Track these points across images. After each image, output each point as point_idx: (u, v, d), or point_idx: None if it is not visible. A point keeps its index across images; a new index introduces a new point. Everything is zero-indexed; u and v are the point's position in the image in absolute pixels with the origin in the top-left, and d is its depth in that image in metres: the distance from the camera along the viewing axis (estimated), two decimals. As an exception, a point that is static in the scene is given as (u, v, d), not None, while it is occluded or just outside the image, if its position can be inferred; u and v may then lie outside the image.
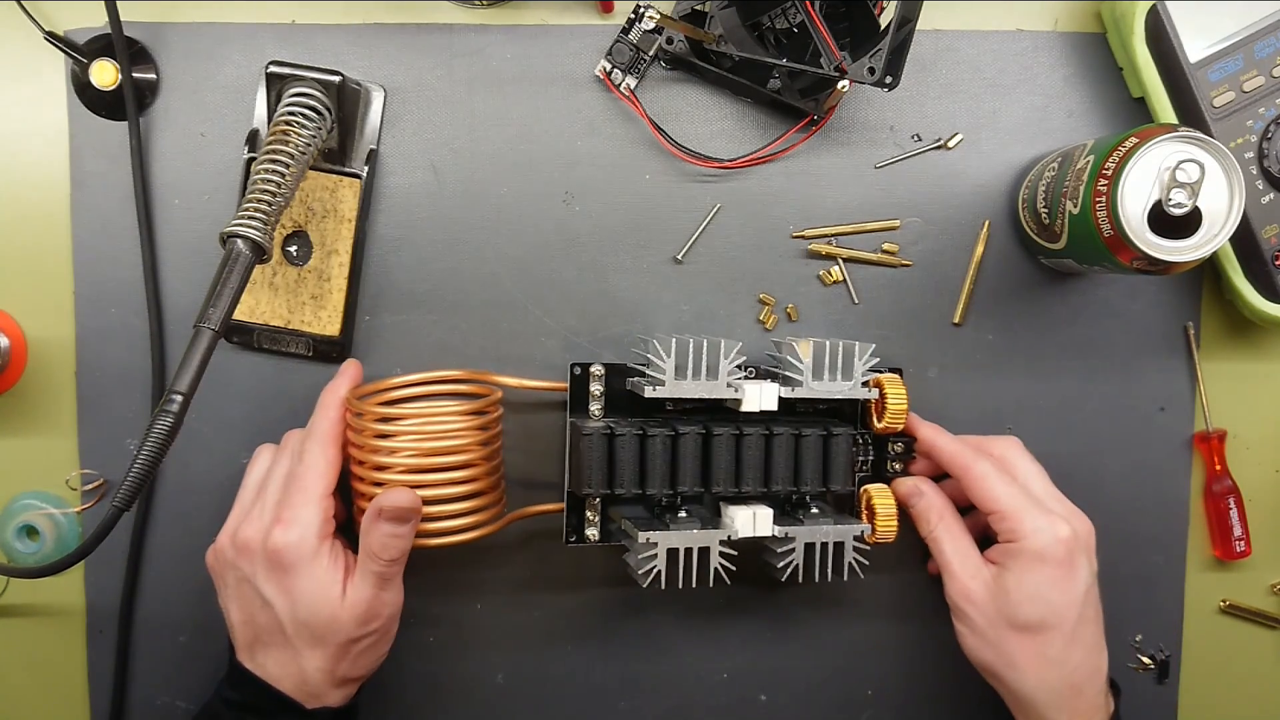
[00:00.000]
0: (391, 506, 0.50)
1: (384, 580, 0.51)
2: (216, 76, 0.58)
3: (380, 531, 0.50)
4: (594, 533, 0.56)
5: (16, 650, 0.60)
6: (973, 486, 0.55)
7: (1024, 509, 0.53)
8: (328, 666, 0.51)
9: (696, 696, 0.62)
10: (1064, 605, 0.52)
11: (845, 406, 0.59)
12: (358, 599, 0.50)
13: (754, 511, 0.54)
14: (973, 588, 0.54)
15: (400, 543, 0.51)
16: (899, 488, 0.58)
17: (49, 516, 0.58)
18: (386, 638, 0.53)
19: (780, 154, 0.60)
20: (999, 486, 0.54)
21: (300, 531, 0.50)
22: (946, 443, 0.57)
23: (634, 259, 0.60)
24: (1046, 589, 0.52)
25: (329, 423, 0.53)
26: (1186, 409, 0.63)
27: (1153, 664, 0.63)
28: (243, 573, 0.51)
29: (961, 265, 0.61)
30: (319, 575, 0.50)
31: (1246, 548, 0.62)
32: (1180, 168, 0.49)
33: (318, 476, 0.51)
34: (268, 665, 0.51)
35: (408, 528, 0.51)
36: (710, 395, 0.53)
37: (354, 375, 0.56)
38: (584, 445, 0.53)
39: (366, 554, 0.51)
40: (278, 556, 0.50)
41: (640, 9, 0.58)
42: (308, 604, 0.50)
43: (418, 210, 0.59)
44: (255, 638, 0.52)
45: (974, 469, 0.55)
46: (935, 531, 0.57)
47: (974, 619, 0.54)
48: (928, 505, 0.57)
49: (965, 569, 0.55)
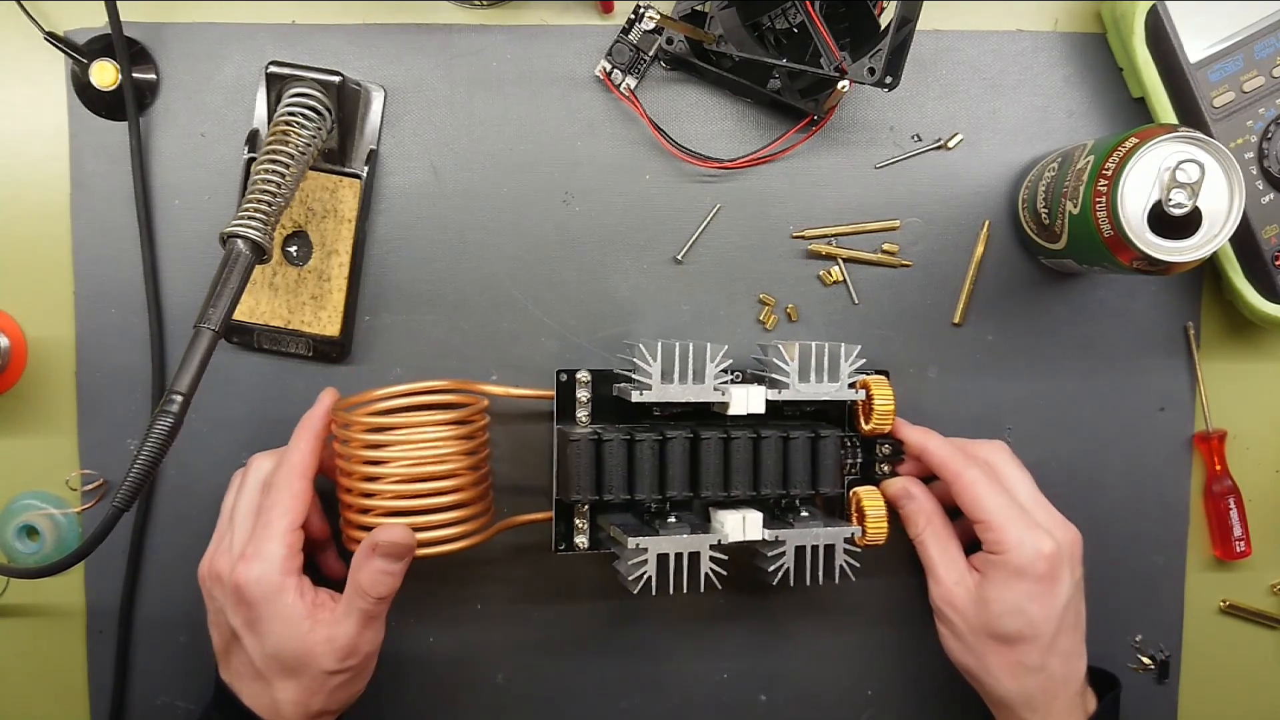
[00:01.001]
0: (387, 542, 0.49)
1: (369, 618, 0.50)
2: (216, 76, 0.58)
3: (372, 567, 0.49)
4: (583, 540, 0.55)
5: (16, 650, 0.60)
6: (962, 494, 0.55)
7: (1010, 520, 0.53)
8: (300, 699, 0.50)
9: (696, 696, 0.62)
10: (1043, 619, 0.52)
11: (832, 409, 0.59)
12: (338, 634, 0.50)
13: (743, 516, 0.54)
14: (956, 594, 0.55)
15: (391, 581, 0.50)
16: (888, 488, 0.58)
17: (49, 516, 0.58)
18: (363, 674, 0.52)
19: (780, 154, 0.60)
20: (987, 496, 0.54)
21: (263, 568, 0.49)
22: (937, 447, 0.56)
23: (634, 259, 0.60)
24: (1026, 603, 0.52)
25: (300, 455, 0.52)
26: (1186, 409, 0.63)
27: (1153, 664, 0.63)
28: (217, 603, 0.51)
29: (961, 265, 0.61)
30: (283, 611, 0.49)
31: (1246, 548, 0.62)
32: (1180, 168, 0.49)
33: (283, 512, 0.50)
34: (242, 692, 0.51)
35: (400, 565, 0.50)
36: (697, 399, 0.53)
37: (327, 405, 0.54)
38: (571, 452, 0.52)
39: (355, 590, 0.50)
40: (241, 592, 0.49)
41: (640, 9, 0.58)
42: (275, 639, 0.49)
43: (418, 210, 0.59)
44: (230, 664, 0.52)
45: (964, 476, 0.55)
46: (923, 535, 0.57)
47: (955, 624, 0.55)
48: (917, 509, 0.57)
49: (950, 575, 0.56)
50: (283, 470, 0.52)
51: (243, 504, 0.53)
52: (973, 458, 0.56)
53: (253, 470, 0.54)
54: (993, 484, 0.54)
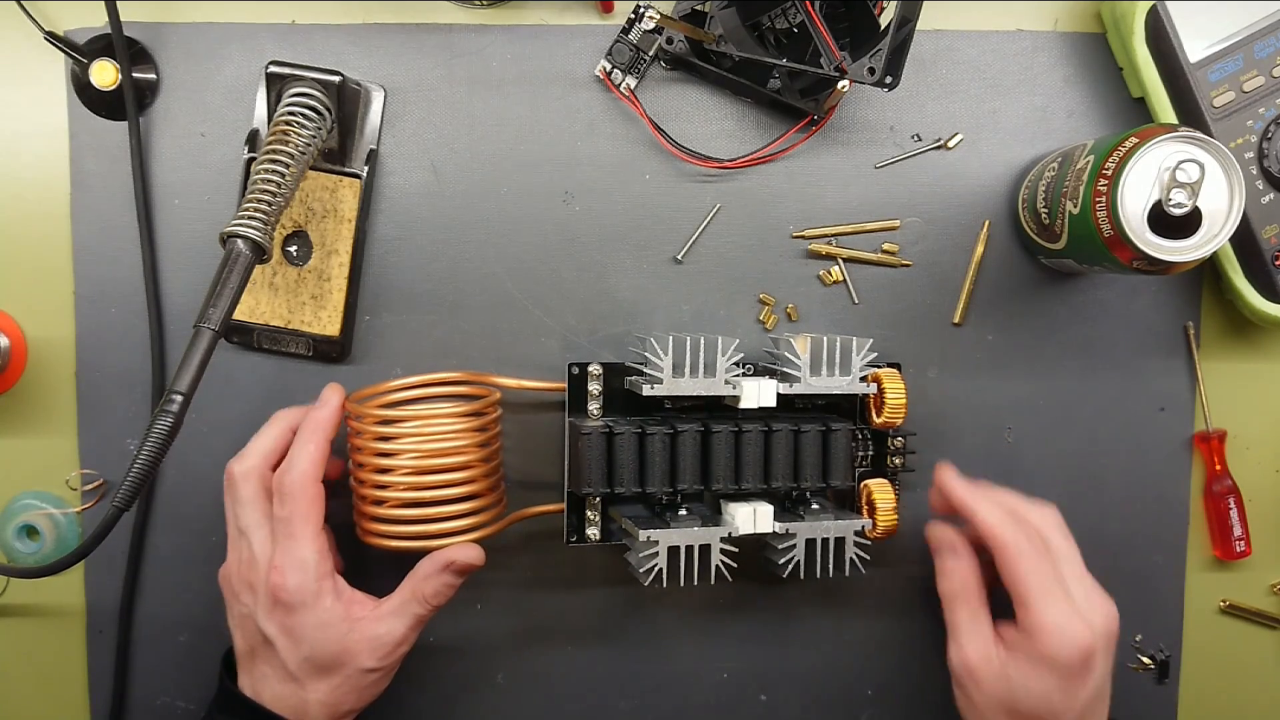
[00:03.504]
0: (464, 563, 0.52)
1: (420, 621, 0.52)
2: (216, 76, 0.58)
3: (441, 580, 0.52)
4: (594, 532, 0.56)
5: (16, 650, 0.60)
6: (1007, 563, 0.52)
7: (1049, 603, 0.50)
8: (331, 699, 0.51)
9: (696, 696, 0.62)
10: (1066, 708, 0.51)
11: (844, 402, 0.59)
12: (382, 632, 0.51)
13: (754, 508, 0.54)
14: (978, 667, 0.53)
15: (453, 592, 0.53)
16: (933, 535, 0.57)
17: (49, 516, 0.58)
18: (392, 673, 0.53)
19: (780, 154, 0.60)
20: (1032, 572, 0.51)
21: (299, 577, 0.50)
22: (986, 513, 0.53)
23: (634, 259, 0.60)
24: (1053, 694, 0.50)
25: (311, 458, 0.51)
26: (1186, 409, 0.63)
27: (1153, 664, 0.63)
28: (246, 608, 0.51)
29: (961, 265, 0.61)
30: (323, 616, 0.50)
31: (1246, 548, 0.62)
32: (1180, 168, 0.49)
33: (305, 518, 0.50)
34: (265, 693, 0.51)
35: (463, 579, 0.53)
36: (708, 393, 0.53)
37: (335, 405, 0.54)
38: (583, 445, 0.53)
39: (416, 596, 0.52)
40: (279, 600, 0.50)
41: (640, 9, 0.58)
42: (312, 643, 0.50)
43: (418, 210, 0.59)
44: (255, 666, 0.52)
45: (1010, 547, 0.52)
46: (956, 599, 0.55)
47: (972, 695, 0.53)
48: (955, 568, 0.55)
49: (974, 645, 0.53)
50: (295, 475, 0.51)
51: (249, 514, 0.52)
52: (1022, 523, 0.53)
53: (238, 479, 0.52)
54: (1039, 558, 0.52)
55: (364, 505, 0.53)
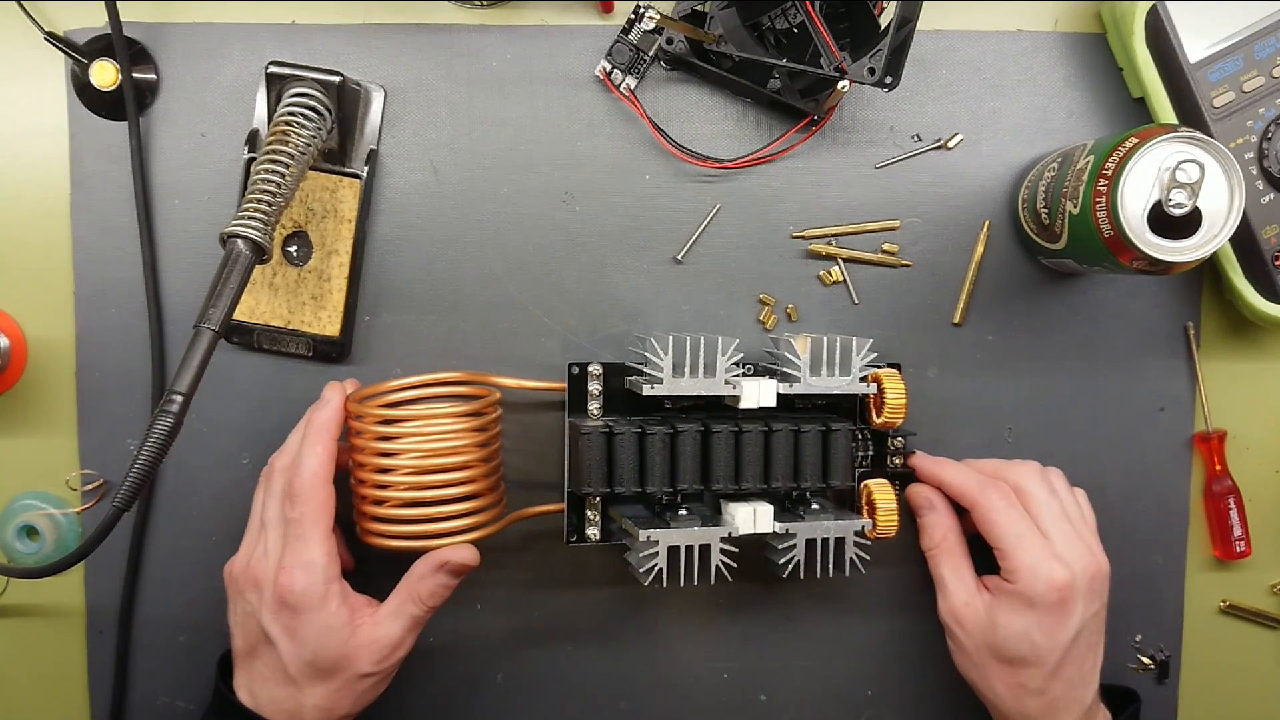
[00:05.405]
0: (459, 563, 0.52)
1: (417, 623, 0.53)
2: (216, 76, 0.58)
3: (436, 581, 0.52)
4: (594, 532, 0.56)
5: (16, 650, 0.60)
6: (980, 520, 0.55)
7: (1024, 548, 0.53)
8: (327, 703, 0.51)
9: (696, 696, 0.62)
10: (1048, 648, 0.53)
11: (844, 402, 0.59)
12: (381, 635, 0.51)
13: (754, 508, 0.54)
14: (963, 613, 0.55)
15: (448, 593, 0.53)
16: (912, 495, 0.59)
17: (49, 516, 0.58)
18: (389, 678, 0.53)
19: (780, 154, 0.60)
20: (1003, 522, 0.54)
21: (307, 579, 0.50)
22: (952, 476, 0.57)
23: (634, 259, 0.60)
24: (1033, 631, 0.53)
25: (319, 460, 0.51)
26: (1186, 409, 0.63)
27: (1153, 664, 0.63)
28: (250, 606, 0.51)
29: (961, 265, 0.61)
30: (328, 620, 0.50)
31: (1246, 548, 0.62)
32: (1180, 168, 0.49)
33: (314, 521, 0.51)
34: (261, 694, 0.51)
35: (459, 579, 0.53)
36: (708, 392, 0.53)
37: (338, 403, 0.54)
38: (583, 444, 0.53)
39: (412, 597, 0.52)
40: (285, 601, 0.50)
41: (640, 9, 0.58)
42: (314, 646, 0.50)
43: (418, 210, 0.59)
44: (253, 665, 0.52)
45: (981, 501, 0.55)
46: (937, 550, 0.57)
47: (961, 640, 0.56)
48: (934, 522, 0.58)
49: (958, 593, 0.56)
50: (305, 477, 0.51)
51: (273, 509, 0.52)
52: (994, 481, 0.56)
53: (277, 473, 0.53)
54: (1011, 509, 0.54)
55: (364, 505, 0.53)
